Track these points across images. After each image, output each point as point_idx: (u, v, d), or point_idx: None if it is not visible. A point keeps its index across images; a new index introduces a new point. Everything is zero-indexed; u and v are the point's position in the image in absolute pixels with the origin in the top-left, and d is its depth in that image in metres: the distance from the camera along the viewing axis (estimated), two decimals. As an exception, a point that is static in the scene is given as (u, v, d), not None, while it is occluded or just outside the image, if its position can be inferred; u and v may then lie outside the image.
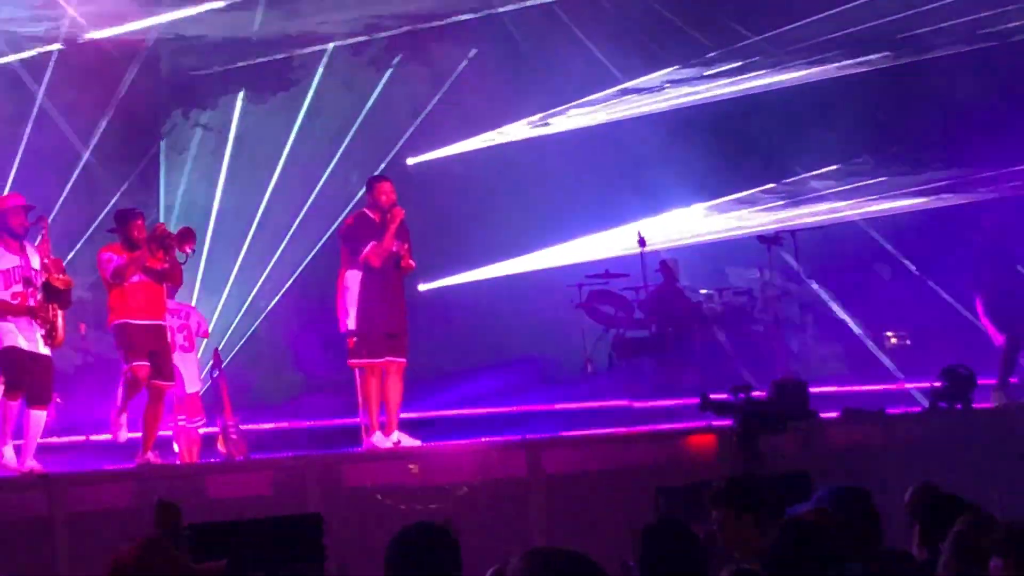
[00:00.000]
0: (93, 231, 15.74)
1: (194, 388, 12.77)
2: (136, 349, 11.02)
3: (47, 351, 10.72)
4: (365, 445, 11.64)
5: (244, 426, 13.14)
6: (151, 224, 11.81)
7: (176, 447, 12.51)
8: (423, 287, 17.85)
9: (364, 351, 11.56)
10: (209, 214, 17.61)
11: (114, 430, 11.18)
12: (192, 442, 12.60)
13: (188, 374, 12.60)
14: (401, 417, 11.86)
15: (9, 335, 10.61)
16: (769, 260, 16.44)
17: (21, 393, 10.64)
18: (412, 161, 18.66)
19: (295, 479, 10.49)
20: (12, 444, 10.69)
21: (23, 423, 10.66)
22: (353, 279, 11.60)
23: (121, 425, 11.10)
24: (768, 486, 6.62)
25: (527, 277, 18.34)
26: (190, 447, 12.54)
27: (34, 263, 10.75)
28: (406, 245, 11.67)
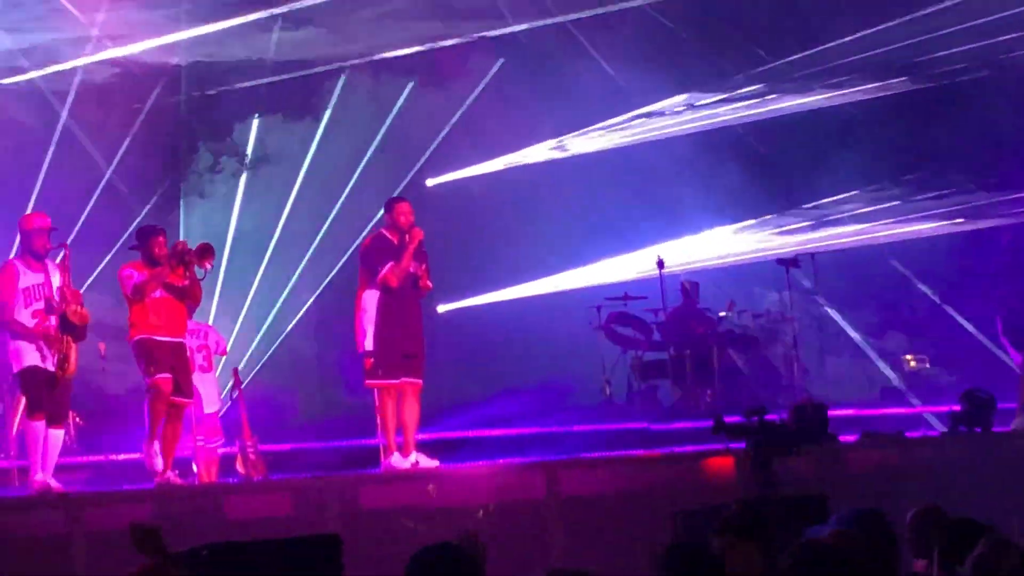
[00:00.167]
0: (117, 250, 15.79)
1: (212, 408, 12.78)
2: (158, 363, 11.01)
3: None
4: (383, 466, 11.64)
5: (262, 446, 13.13)
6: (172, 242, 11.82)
7: (195, 467, 12.51)
8: (442, 308, 17.84)
9: (381, 372, 11.53)
10: (227, 234, 17.66)
11: (148, 461, 11.02)
12: (211, 462, 12.60)
13: (207, 394, 12.60)
14: (419, 438, 11.85)
15: (30, 355, 10.66)
16: (788, 282, 16.43)
17: (43, 413, 10.66)
18: (432, 182, 18.69)
19: (313, 500, 10.49)
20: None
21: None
22: (371, 300, 11.58)
23: (156, 454, 10.96)
24: (782, 510, 6.59)
25: (546, 299, 18.34)
26: (208, 467, 12.54)
27: (55, 281, 10.79)
28: (424, 266, 11.65)
